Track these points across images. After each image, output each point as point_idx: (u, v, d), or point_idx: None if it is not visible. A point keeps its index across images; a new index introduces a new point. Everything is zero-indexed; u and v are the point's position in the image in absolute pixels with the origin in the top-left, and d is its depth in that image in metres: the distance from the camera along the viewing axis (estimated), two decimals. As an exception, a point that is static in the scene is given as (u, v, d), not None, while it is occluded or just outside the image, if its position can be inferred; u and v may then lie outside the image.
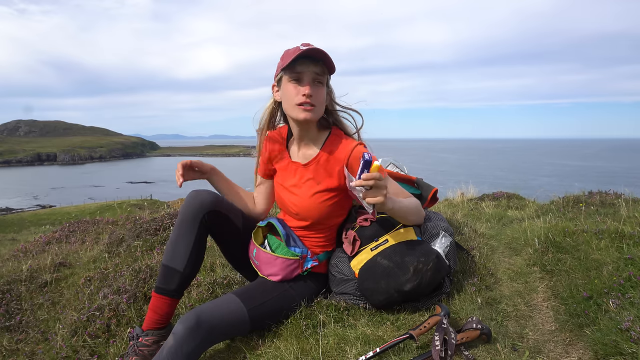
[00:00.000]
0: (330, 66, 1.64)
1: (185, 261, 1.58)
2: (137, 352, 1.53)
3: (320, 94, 1.64)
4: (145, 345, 1.54)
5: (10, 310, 2.20)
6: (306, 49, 1.56)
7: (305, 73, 1.60)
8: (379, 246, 1.70)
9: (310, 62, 1.59)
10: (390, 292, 1.61)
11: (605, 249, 2.01)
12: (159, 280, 1.60)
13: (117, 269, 2.45)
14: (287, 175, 1.80)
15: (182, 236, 1.59)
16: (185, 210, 1.61)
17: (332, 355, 1.42)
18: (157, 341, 1.56)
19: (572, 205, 3.35)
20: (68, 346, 1.74)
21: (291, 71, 1.60)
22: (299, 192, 1.74)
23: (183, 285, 1.61)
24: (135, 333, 1.57)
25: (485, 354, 1.40)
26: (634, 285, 1.63)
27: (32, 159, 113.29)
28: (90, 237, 3.70)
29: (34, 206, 37.86)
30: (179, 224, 1.61)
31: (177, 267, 1.58)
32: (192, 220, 1.59)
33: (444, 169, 60.10)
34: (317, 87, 1.63)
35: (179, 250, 1.58)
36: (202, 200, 1.61)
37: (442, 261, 1.66)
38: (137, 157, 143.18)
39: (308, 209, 1.72)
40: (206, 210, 1.60)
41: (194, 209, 1.59)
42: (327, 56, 1.59)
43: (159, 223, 3.17)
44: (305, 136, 1.74)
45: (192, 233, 1.59)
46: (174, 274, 1.58)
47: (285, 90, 1.65)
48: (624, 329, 1.36)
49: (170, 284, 1.58)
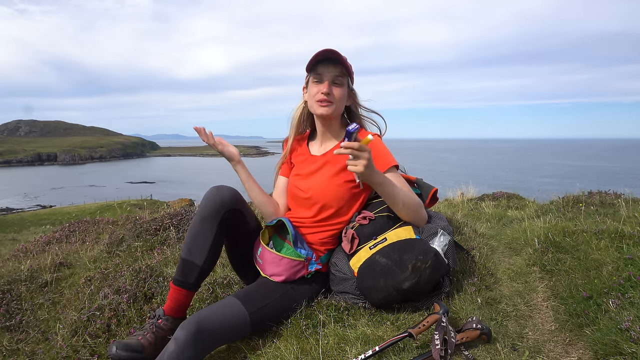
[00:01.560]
0: (346, 66, 1.78)
1: (204, 256, 1.62)
2: (154, 331, 1.57)
3: (338, 93, 1.80)
4: (162, 328, 1.59)
5: (11, 310, 2.20)
6: (320, 51, 1.73)
7: (325, 74, 1.78)
8: (377, 244, 1.70)
9: (330, 64, 1.77)
10: (389, 290, 1.61)
11: (605, 249, 2.01)
12: (178, 272, 1.64)
13: (117, 269, 2.45)
14: (303, 167, 1.92)
15: (203, 231, 1.62)
16: (206, 206, 1.63)
17: (332, 355, 1.42)
18: (172, 328, 1.59)
19: (572, 205, 3.35)
20: (68, 346, 1.74)
21: (314, 73, 1.80)
22: (315, 177, 1.85)
23: (201, 279, 1.67)
24: (158, 313, 1.63)
25: (485, 354, 1.40)
26: (634, 285, 1.63)
27: (33, 159, 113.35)
28: (91, 237, 3.70)
29: (34, 206, 37.88)
30: (200, 219, 1.63)
31: (197, 262, 1.62)
32: (214, 216, 1.62)
33: (444, 169, 60.14)
34: (336, 86, 1.79)
35: (199, 245, 1.62)
36: (223, 196, 1.63)
37: (440, 259, 1.66)
38: (137, 157, 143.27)
39: (322, 189, 1.80)
40: (227, 208, 1.64)
41: (215, 205, 1.62)
42: (340, 56, 1.74)
43: (159, 223, 3.17)
44: (328, 131, 1.90)
45: (213, 229, 1.62)
46: (193, 268, 1.62)
47: (310, 90, 1.84)
48: (624, 328, 1.36)
49: (189, 277, 1.63)
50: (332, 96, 1.78)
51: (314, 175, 1.86)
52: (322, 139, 1.93)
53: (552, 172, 60.59)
